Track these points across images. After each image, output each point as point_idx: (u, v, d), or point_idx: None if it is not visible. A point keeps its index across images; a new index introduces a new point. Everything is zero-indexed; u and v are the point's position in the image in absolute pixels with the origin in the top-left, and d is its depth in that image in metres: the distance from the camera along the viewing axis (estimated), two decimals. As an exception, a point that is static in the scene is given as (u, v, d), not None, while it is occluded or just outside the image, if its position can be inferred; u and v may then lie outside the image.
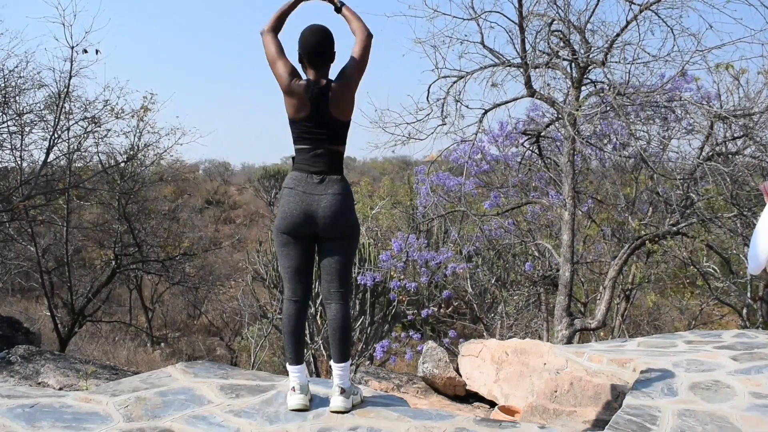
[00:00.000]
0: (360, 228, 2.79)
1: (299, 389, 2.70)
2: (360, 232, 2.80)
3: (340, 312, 2.70)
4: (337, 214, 2.64)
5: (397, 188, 14.90)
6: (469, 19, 5.81)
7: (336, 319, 2.70)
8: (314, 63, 2.68)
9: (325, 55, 2.69)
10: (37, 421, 2.44)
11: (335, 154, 2.71)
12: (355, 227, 2.75)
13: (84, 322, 11.75)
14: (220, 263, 17.52)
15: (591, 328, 6.38)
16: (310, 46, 2.66)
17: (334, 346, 2.72)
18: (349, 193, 2.72)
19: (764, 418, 2.80)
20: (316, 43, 2.67)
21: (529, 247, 9.03)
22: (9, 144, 8.96)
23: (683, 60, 5.43)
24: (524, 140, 7.25)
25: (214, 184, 32.62)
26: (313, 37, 2.67)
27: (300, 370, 2.72)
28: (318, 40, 2.67)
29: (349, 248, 2.74)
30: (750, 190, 6.38)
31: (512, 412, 4.12)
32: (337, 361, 2.70)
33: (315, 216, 2.64)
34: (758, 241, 2.76)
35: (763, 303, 8.10)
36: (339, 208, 2.65)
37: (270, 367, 10.61)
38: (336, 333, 2.70)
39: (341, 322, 2.70)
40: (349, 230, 2.71)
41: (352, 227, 2.73)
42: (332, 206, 2.64)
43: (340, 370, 2.68)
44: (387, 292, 8.57)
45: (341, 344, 2.69)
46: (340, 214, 2.65)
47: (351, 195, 2.73)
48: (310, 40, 2.67)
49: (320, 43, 2.67)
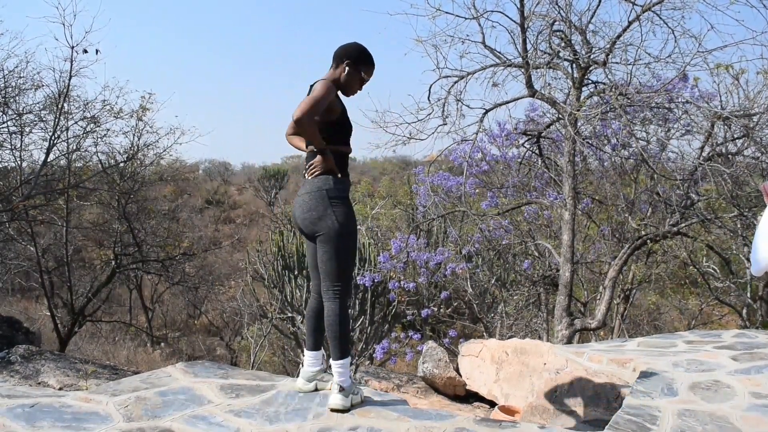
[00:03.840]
0: (347, 227, 2.71)
1: (301, 373, 2.95)
2: (347, 232, 2.71)
3: (329, 309, 2.75)
4: (304, 214, 2.75)
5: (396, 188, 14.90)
6: (470, 18, 5.81)
7: (327, 316, 2.75)
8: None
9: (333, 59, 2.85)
10: (37, 421, 2.44)
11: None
12: (330, 227, 2.70)
13: (84, 322, 11.75)
14: (220, 263, 17.54)
15: (591, 328, 6.38)
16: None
17: (329, 344, 2.78)
18: (319, 192, 2.70)
19: (764, 418, 2.80)
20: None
21: (529, 247, 9.03)
22: (9, 144, 8.97)
23: (684, 61, 5.44)
24: (525, 140, 7.25)
25: (214, 184, 32.65)
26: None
27: (309, 356, 2.94)
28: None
29: (329, 247, 2.71)
30: (750, 190, 6.38)
31: (512, 412, 4.11)
32: (334, 358, 2.75)
33: (295, 217, 2.85)
34: (759, 244, 2.75)
35: (763, 303, 8.11)
36: (306, 207, 2.74)
37: (270, 367, 10.63)
38: (328, 330, 2.75)
39: (331, 319, 2.74)
40: (321, 229, 2.71)
41: (324, 226, 2.70)
42: (301, 206, 2.78)
43: (337, 367, 2.72)
44: (387, 293, 8.57)
45: (334, 341, 2.74)
46: (308, 213, 2.74)
47: (323, 194, 2.70)
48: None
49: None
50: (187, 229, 15.56)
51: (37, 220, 10.14)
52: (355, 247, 2.81)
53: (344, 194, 2.76)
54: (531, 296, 9.30)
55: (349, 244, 2.75)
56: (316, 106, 2.56)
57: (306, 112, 2.53)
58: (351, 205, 2.80)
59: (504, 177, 8.56)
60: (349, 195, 2.81)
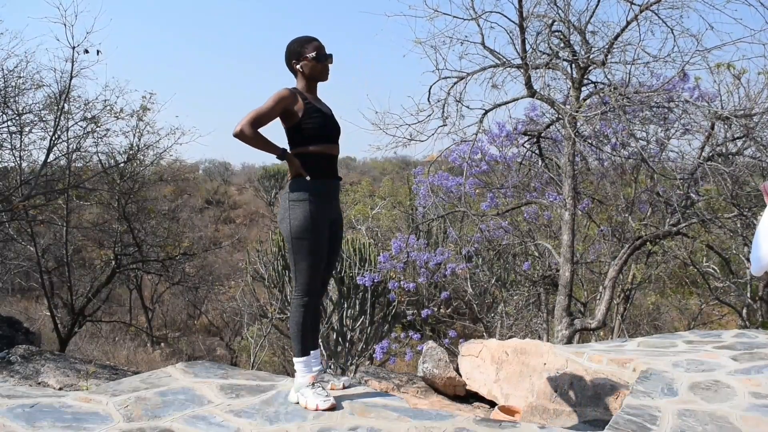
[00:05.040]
0: (300, 230, 2.69)
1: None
2: (300, 235, 2.69)
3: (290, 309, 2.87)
4: (278, 217, 2.90)
5: (397, 189, 14.91)
6: (469, 19, 5.81)
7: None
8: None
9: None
10: (37, 421, 2.44)
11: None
12: (285, 229, 2.74)
13: (84, 322, 11.74)
14: (220, 263, 17.54)
15: (591, 328, 6.38)
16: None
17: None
18: (284, 195, 2.79)
19: (764, 418, 2.80)
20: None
21: (529, 247, 9.03)
22: (9, 144, 8.96)
23: (683, 60, 5.44)
24: (524, 141, 7.25)
25: (214, 184, 32.63)
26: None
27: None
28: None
29: (288, 248, 2.80)
30: (750, 190, 6.39)
31: (512, 412, 4.11)
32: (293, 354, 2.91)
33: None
34: (761, 244, 2.73)
35: (763, 303, 8.11)
36: (279, 211, 2.84)
37: (270, 367, 10.62)
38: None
39: (290, 319, 2.86)
40: (282, 231, 2.80)
41: (283, 228, 2.77)
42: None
43: (295, 364, 2.84)
44: (387, 293, 8.58)
45: (292, 340, 2.86)
46: (278, 215, 2.87)
47: (285, 196, 2.77)
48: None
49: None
50: (187, 229, 15.54)
51: (37, 220, 10.13)
52: (314, 249, 2.74)
53: (305, 197, 2.72)
54: (531, 296, 9.30)
55: (304, 247, 2.72)
56: (255, 119, 2.67)
57: (242, 127, 2.65)
58: (315, 207, 2.73)
59: (504, 177, 8.56)
60: (317, 196, 2.75)
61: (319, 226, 2.75)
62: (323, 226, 2.78)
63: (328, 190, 2.82)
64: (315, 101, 2.85)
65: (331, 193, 2.85)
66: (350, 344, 8.83)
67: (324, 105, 2.91)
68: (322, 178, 2.78)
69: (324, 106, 2.89)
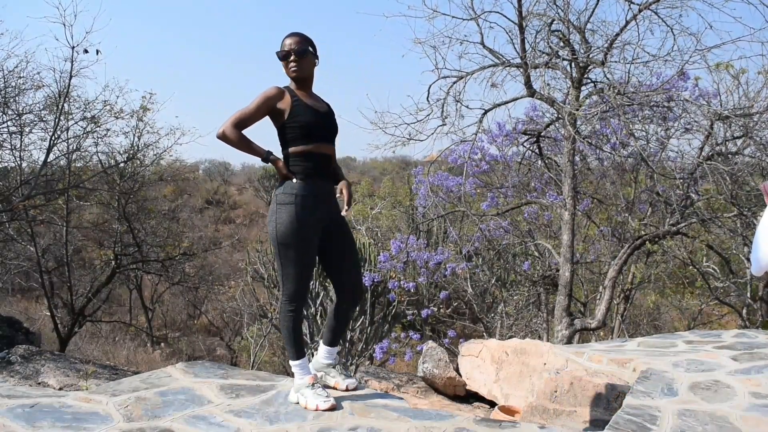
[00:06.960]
0: (284, 233, 2.62)
1: (312, 361, 2.99)
2: (284, 239, 2.63)
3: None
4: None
5: (397, 189, 14.91)
6: (468, 19, 5.81)
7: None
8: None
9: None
10: (37, 421, 2.44)
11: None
12: (270, 231, 2.70)
13: (84, 322, 11.75)
14: (219, 263, 17.53)
15: (591, 328, 6.38)
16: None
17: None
18: (276, 200, 2.71)
19: (764, 418, 2.80)
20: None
21: (529, 247, 9.03)
22: (9, 144, 8.96)
23: (683, 59, 5.44)
24: (524, 140, 7.25)
25: (214, 184, 32.62)
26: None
27: (323, 349, 3.00)
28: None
29: (276, 254, 2.71)
30: (750, 189, 6.39)
31: (512, 412, 4.11)
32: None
33: None
34: (760, 244, 2.73)
35: (763, 303, 8.10)
36: (268, 214, 2.78)
37: (270, 367, 10.61)
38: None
39: (281, 327, 2.83)
40: (269, 233, 2.74)
41: (270, 230, 2.71)
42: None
43: (292, 367, 2.82)
44: (387, 293, 8.57)
45: (285, 343, 2.84)
46: (267, 219, 2.79)
47: (273, 198, 2.73)
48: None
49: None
50: (187, 229, 15.55)
51: (37, 220, 10.14)
52: (300, 255, 2.66)
53: (291, 200, 2.64)
54: (531, 296, 9.30)
55: (291, 252, 2.65)
56: (238, 121, 2.65)
57: (224, 129, 2.63)
58: (302, 210, 2.64)
59: (504, 177, 8.56)
60: (305, 198, 2.66)
61: (307, 230, 2.66)
62: (311, 231, 2.68)
63: (318, 192, 2.71)
64: (305, 99, 2.75)
65: (322, 195, 2.73)
66: (350, 344, 8.83)
67: (320, 103, 2.81)
68: (311, 179, 2.69)
69: (319, 105, 2.79)
